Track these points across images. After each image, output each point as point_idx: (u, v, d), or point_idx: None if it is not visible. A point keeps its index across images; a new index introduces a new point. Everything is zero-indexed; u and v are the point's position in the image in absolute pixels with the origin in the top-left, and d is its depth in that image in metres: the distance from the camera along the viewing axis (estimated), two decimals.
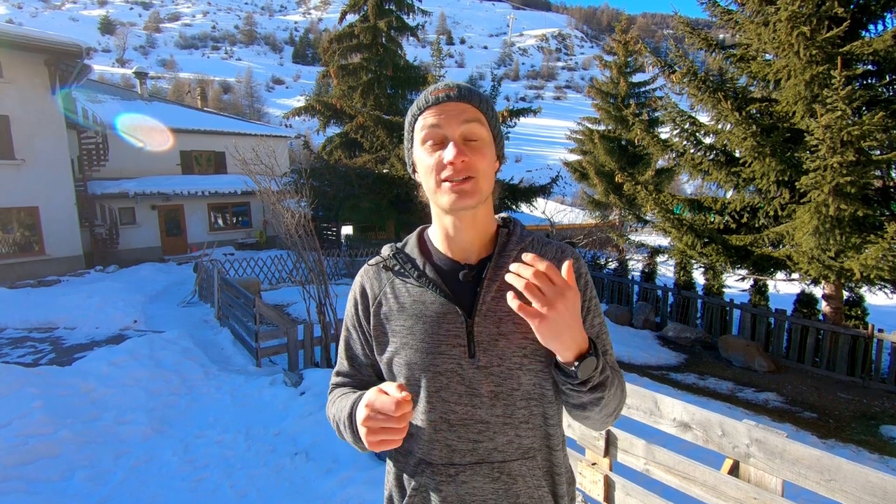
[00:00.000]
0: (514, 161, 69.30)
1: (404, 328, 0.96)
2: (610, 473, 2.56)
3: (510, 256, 0.97)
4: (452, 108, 0.92)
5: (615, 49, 16.88)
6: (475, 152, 0.91)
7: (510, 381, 0.93)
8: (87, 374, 4.93)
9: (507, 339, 0.93)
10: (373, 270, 1.05)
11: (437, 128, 0.91)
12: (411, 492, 0.98)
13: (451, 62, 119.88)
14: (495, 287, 0.95)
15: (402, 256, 1.02)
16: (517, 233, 1.02)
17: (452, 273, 0.98)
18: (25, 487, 3.25)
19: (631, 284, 11.90)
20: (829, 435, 5.76)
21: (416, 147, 0.97)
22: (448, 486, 0.94)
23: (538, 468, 0.97)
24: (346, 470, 3.46)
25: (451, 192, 0.90)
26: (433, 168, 0.91)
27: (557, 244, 1.04)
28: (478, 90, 0.96)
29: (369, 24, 16.66)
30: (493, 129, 0.96)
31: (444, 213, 0.97)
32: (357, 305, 1.05)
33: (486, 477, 0.94)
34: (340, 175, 15.33)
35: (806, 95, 6.83)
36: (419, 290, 0.97)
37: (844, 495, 1.65)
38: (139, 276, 12.88)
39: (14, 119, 12.19)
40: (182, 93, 57.54)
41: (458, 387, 0.93)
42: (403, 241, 1.08)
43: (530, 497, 0.96)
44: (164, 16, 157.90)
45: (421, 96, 0.96)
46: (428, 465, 0.96)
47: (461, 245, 0.99)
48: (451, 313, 0.94)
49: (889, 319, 8.77)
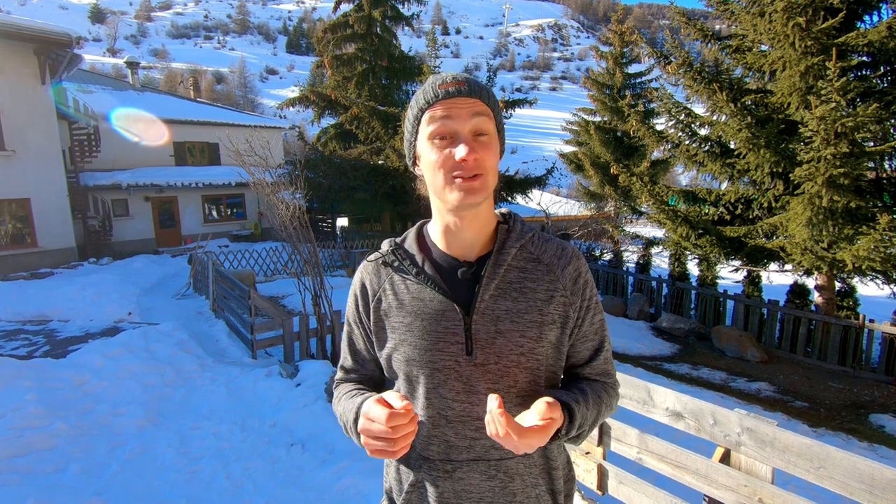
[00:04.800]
0: (510, 152, 69.09)
1: (403, 325, 0.96)
2: (603, 462, 2.59)
3: (509, 254, 0.97)
4: (463, 102, 0.89)
5: (611, 39, 16.80)
6: (485, 148, 0.90)
7: (507, 379, 0.93)
8: (81, 367, 4.91)
9: (505, 337, 0.93)
10: (372, 266, 1.04)
11: (447, 124, 0.89)
12: (409, 487, 0.99)
13: (446, 52, 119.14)
14: (494, 285, 0.94)
15: (402, 252, 1.01)
16: (517, 229, 1.00)
17: (452, 270, 0.98)
18: (20, 480, 3.24)
19: (626, 276, 11.94)
20: (819, 423, 5.84)
21: (420, 140, 0.94)
22: (445, 482, 0.95)
23: (535, 466, 0.98)
24: (342, 460, 3.47)
25: (460, 189, 0.88)
26: (441, 164, 0.89)
27: (559, 242, 1.02)
28: (483, 83, 0.95)
29: (364, 13, 16.49)
30: (497, 124, 0.95)
31: (447, 211, 0.95)
32: (357, 301, 1.05)
33: (482, 474, 0.94)
34: (335, 166, 15.24)
35: (801, 87, 6.83)
36: (418, 287, 0.97)
37: (833, 482, 1.67)
38: (133, 268, 12.80)
39: (3, 110, 12.01)
40: (175, 83, 56.93)
41: (455, 383, 0.93)
42: (403, 236, 1.07)
43: (527, 496, 0.96)
44: (155, 4, 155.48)
45: (427, 87, 0.93)
46: (425, 461, 0.97)
47: (462, 242, 0.98)
48: (449, 311, 0.94)
49: (880, 310, 8.86)
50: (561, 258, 0.99)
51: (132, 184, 16.75)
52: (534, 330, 0.94)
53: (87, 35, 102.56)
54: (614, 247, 14.89)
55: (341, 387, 1.10)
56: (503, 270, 0.95)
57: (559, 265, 0.98)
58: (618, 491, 2.52)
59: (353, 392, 1.05)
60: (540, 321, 0.94)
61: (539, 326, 0.94)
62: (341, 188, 15.01)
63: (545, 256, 0.99)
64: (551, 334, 0.95)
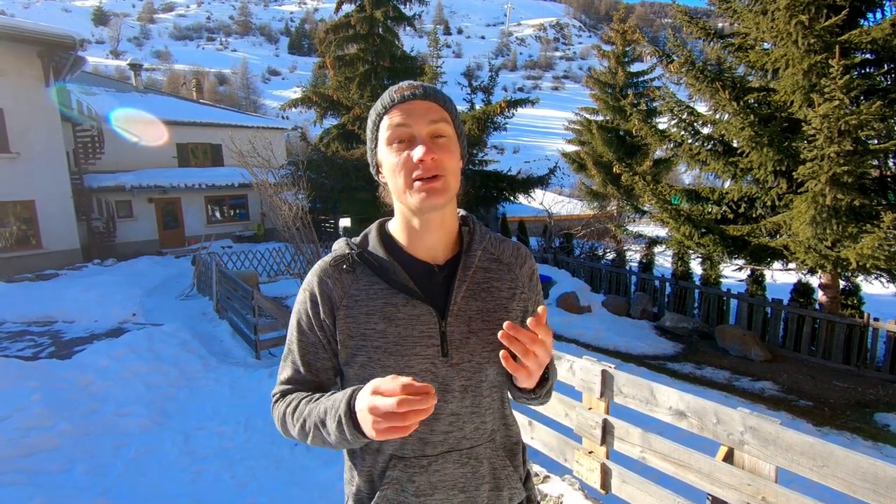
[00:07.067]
0: (513, 152, 69.00)
1: (376, 332, 0.94)
2: (607, 461, 2.59)
3: (476, 255, 1.00)
4: (419, 106, 0.91)
5: (613, 38, 16.76)
6: (443, 150, 0.91)
7: (479, 375, 0.97)
8: (86, 368, 4.94)
9: (478, 336, 0.97)
10: (333, 270, 0.98)
11: (404, 126, 0.90)
12: (384, 485, 0.97)
13: (448, 52, 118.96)
14: (465, 287, 0.97)
15: (368, 256, 0.98)
16: (478, 231, 1.04)
17: (421, 274, 0.97)
18: (26, 480, 3.26)
19: (628, 275, 11.92)
20: (824, 423, 5.82)
21: (380, 147, 0.95)
22: (421, 476, 0.96)
23: (500, 447, 1.04)
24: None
25: (420, 191, 0.89)
26: (401, 167, 0.90)
27: (512, 242, 1.09)
28: (440, 90, 0.97)
29: (366, 13, 16.50)
30: (457, 129, 0.97)
31: (412, 214, 0.95)
32: (318, 307, 0.97)
33: (455, 463, 0.98)
34: (338, 167, 15.26)
35: (804, 85, 6.80)
36: (389, 292, 0.95)
37: (837, 481, 1.67)
38: (137, 269, 12.85)
39: (8, 112, 12.07)
40: (177, 85, 57.04)
41: (431, 384, 0.92)
42: (361, 236, 1.04)
43: (495, 476, 1.02)
44: (157, 6, 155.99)
45: (385, 95, 0.95)
46: (400, 460, 0.97)
47: (428, 245, 0.98)
48: (424, 315, 0.95)
49: (885, 308, 8.81)
50: (517, 258, 1.06)
51: (136, 185, 16.81)
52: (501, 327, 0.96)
53: (90, 37, 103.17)
54: (617, 246, 14.86)
55: (291, 396, 0.99)
56: (471, 272, 0.99)
57: (517, 264, 1.05)
58: (621, 490, 2.52)
59: (314, 396, 0.96)
60: (506, 318, 0.99)
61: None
62: (344, 188, 15.03)
63: (504, 256, 1.05)
64: None
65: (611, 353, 8.19)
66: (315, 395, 0.97)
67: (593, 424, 2.62)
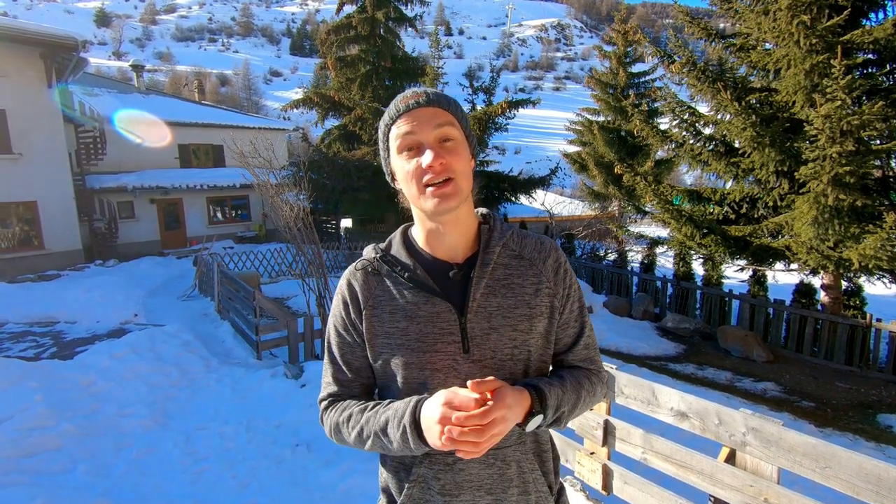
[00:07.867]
0: (514, 153, 69.03)
1: (398, 329, 0.98)
2: (608, 462, 2.58)
3: (494, 252, 1.01)
4: (424, 113, 0.94)
5: (614, 39, 16.76)
6: (451, 153, 0.94)
7: (502, 372, 0.97)
8: (87, 368, 4.95)
9: (498, 332, 0.98)
10: (361, 274, 1.05)
11: (411, 135, 0.94)
12: (410, 482, 1.00)
13: (449, 53, 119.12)
14: (484, 283, 0.99)
15: (391, 259, 1.03)
16: (497, 228, 1.05)
17: (441, 273, 1.01)
18: (28, 480, 3.27)
19: (630, 276, 11.90)
20: (826, 424, 5.80)
21: (392, 156, 0.99)
22: (446, 474, 0.98)
23: (529, 451, 1.03)
24: (347, 461, 3.48)
25: (433, 196, 0.92)
26: (413, 174, 0.94)
27: (536, 237, 1.08)
28: (445, 94, 0.99)
29: (367, 14, 16.53)
30: (464, 130, 0.99)
31: (427, 218, 0.99)
32: (349, 308, 1.04)
33: (481, 463, 0.98)
34: (339, 168, 15.28)
35: (806, 85, 6.79)
36: (411, 292, 1.00)
37: (839, 482, 1.66)
38: (139, 269, 12.87)
39: (10, 113, 12.10)
40: (179, 86, 57.20)
41: (454, 381, 0.95)
42: (387, 242, 1.09)
43: (523, 480, 1.01)
44: (159, 7, 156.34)
45: (391, 106, 0.98)
46: (426, 457, 0.99)
47: (447, 245, 1.02)
48: (444, 311, 0.98)
49: (887, 309, 8.79)
50: (541, 252, 1.05)
51: (137, 186, 16.84)
52: (524, 323, 0.99)
53: (92, 39, 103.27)
54: (618, 247, 14.85)
55: (343, 404, 1.04)
56: (490, 269, 1.00)
57: (540, 259, 1.04)
58: (623, 491, 2.52)
59: (368, 404, 1.00)
60: (529, 314, 1.00)
61: (529, 319, 0.99)
62: (345, 189, 15.04)
63: (526, 252, 1.05)
64: (540, 325, 1.01)
65: (612, 354, 8.18)
66: (368, 403, 1.02)
67: (595, 425, 2.62)
